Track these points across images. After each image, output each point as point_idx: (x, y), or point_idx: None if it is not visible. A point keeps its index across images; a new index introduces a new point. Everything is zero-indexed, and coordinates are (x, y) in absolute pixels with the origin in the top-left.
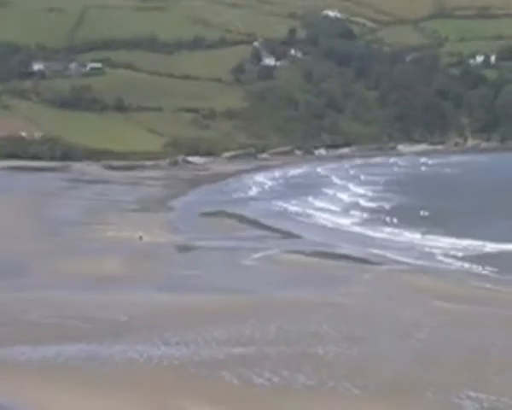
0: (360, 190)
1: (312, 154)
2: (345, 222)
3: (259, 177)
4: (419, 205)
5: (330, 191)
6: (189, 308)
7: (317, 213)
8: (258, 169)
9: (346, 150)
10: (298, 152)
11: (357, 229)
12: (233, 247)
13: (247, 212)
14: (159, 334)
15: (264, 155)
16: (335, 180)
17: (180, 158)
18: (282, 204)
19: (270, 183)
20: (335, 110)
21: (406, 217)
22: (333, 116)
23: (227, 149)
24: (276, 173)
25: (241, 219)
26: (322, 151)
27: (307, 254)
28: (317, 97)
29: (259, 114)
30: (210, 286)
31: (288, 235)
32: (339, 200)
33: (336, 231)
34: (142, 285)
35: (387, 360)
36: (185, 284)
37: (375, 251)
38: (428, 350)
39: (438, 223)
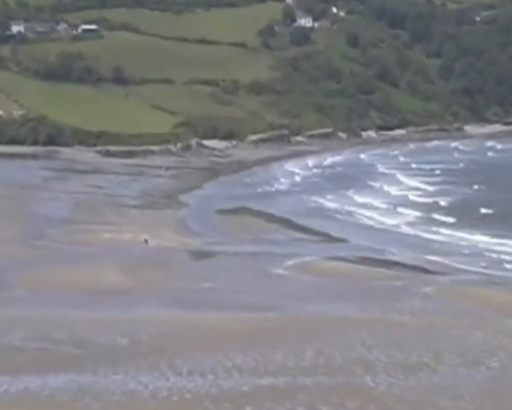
0: (412, 182)
1: (359, 136)
2: (394, 222)
3: (292, 165)
4: (484, 200)
5: (376, 184)
6: (204, 329)
7: (360, 211)
8: (290, 156)
9: (400, 132)
10: (341, 135)
11: (409, 230)
12: (259, 252)
13: (276, 209)
14: (168, 361)
15: (299, 139)
16: (382, 169)
17: (194, 142)
18: (318, 199)
19: (303, 173)
20: (388, 83)
21: (468, 215)
22: (384, 90)
23: (253, 131)
24: (312, 161)
25: (269, 217)
26: (372, 133)
27: (351, 262)
28: (365, 67)
29: (293, 88)
30: (231, 302)
31: (326, 237)
32: (386, 194)
33: (384, 233)
34: (146, 300)
35: (452, 393)
36: (200, 298)
37: (433, 258)
38: (503, 382)
39: (506, 223)
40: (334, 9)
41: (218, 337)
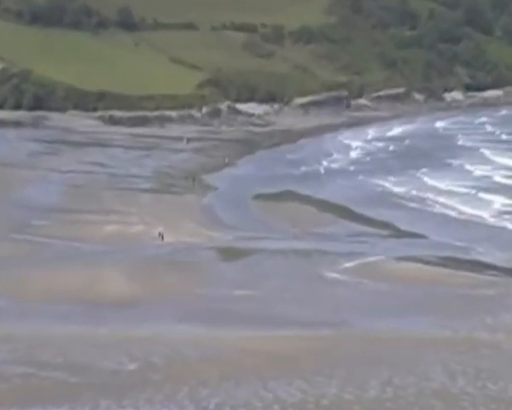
0: (502, 160)
1: (441, 99)
2: (478, 211)
3: (350, 137)
4: None
5: (454, 161)
6: (237, 351)
7: (436, 197)
8: (349, 125)
9: (495, 93)
10: (417, 96)
11: (499, 222)
12: (309, 250)
13: (330, 194)
14: (189, 392)
15: (362, 102)
16: (463, 142)
17: (225, 105)
18: (381, 182)
19: (364, 147)
20: (478, 29)
21: None
22: (474, 39)
23: (301, 92)
24: (375, 131)
25: (321, 205)
26: (457, 95)
27: (428, 263)
28: (450, 8)
29: (354, 36)
30: (272, 315)
31: (395, 232)
32: (468, 175)
33: (466, 226)
34: (161, 313)
35: None
36: (232, 311)
37: None
38: None
39: None
40: None
41: (254, 362)
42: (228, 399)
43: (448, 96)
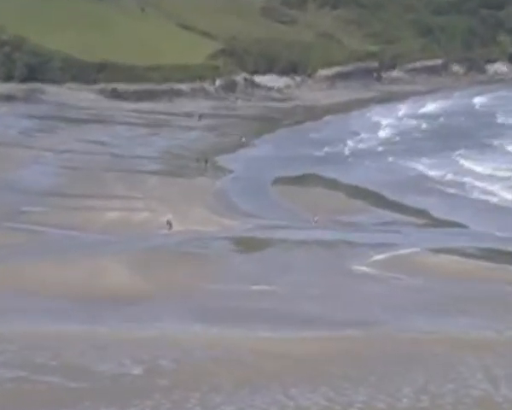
0: None
1: (482, 71)
2: None
3: (380, 114)
4: None
5: (494, 141)
6: (254, 354)
7: (476, 182)
8: (380, 100)
9: None
10: (456, 68)
11: None
12: (335, 241)
13: (358, 178)
14: (200, 400)
15: (395, 74)
16: (503, 120)
17: (241, 78)
18: (414, 165)
19: (395, 125)
20: None
21: None
22: None
23: (326, 63)
24: (408, 108)
25: (349, 190)
26: (501, 67)
27: (469, 256)
28: None
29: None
30: (294, 314)
31: (431, 220)
32: (510, 157)
33: (509, 214)
34: (169, 311)
35: None
36: (248, 308)
37: None
38: None
39: None
40: None
41: (274, 366)
42: (244, 407)
43: (491, 67)
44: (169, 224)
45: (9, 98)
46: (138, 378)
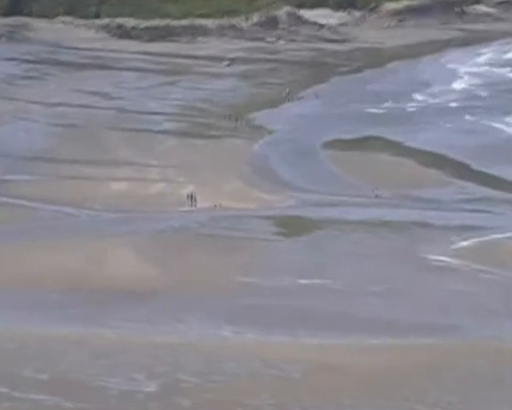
0: None
1: None
2: None
3: (458, 60)
4: None
5: None
6: (302, 366)
7: None
8: (461, 42)
9: None
10: None
11: None
12: (404, 223)
13: (429, 141)
14: None
15: (482, 9)
16: None
17: (283, 12)
18: (501, 126)
19: (477, 74)
20: None
21: None
22: None
23: None
24: (493, 52)
25: (419, 156)
26: None
27: None
28: None
29: None
30: (353, 314)
31: None
32: None
33: None
34: (191, 310)
35: None
36: (295, 308)
37: None
38: None
39: None
40: None
41: (327, 382)
42: None
43: None
44: (191, 199)
45: None
46: (153, 397)
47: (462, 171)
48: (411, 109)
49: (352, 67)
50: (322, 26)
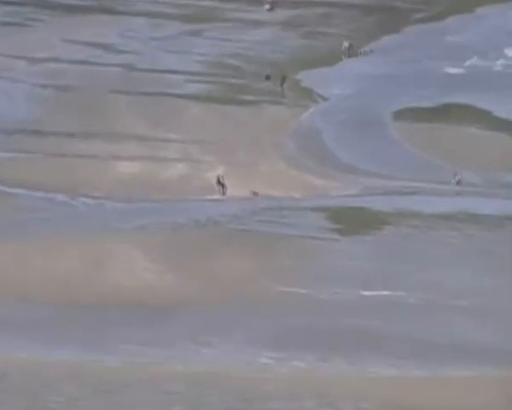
0: None
1: None
2: None
3: None
4: None
5: None
6: (369, 402)
7: None
8: None
9: None
10: None
11: None
12: (498, 217)
13: None
14: None
15: None
16: None
17: None
18: None
19: None
20: None
21: None
22: None
23: None
24: None
25: None
26: None
27: None
28: None
29: None
30: (435, 336)
31: None
32: None
33: None
34: (221, 328)
35: None
36: (356, 327)
37: None
38: None
39: None
40: None
41: None
42: None
43: None
44: (220, 184)
45: None
46: None
47: None
48: (503, 69)
49: (430, 13)
50: None
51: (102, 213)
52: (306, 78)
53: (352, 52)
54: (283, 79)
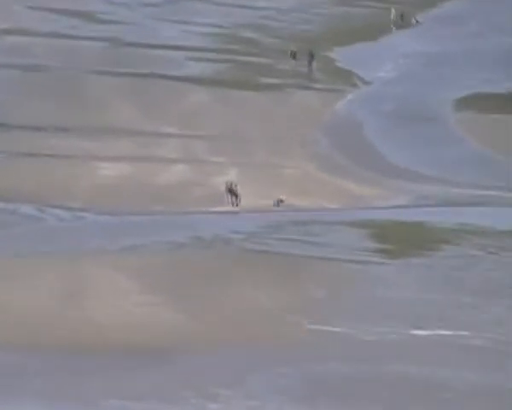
0: None
1: None
2: None
3: None
4: None
5: None
6: None
7: None
8: None
9: None
10: None
11: None
12: None
13: None
14: None
15: None
16: None
17: None
18: None
19: None
20: None
21: None
22: None
23: None
24: None
25: None
26: None
27: None
28: None
29: None
30: None
31: None
32: None
33: None
34: (231, 379)
35: None
36: (410, 380)
37: None
38: None
39: None
40: None
41: None
42: None
43: None
44: (232, 192)
45: None
46: None
47: None
48: None
49: None
50: None
51: (80, 229)
52: (342, 55)
53: (402, 22)
54: (312, 57)
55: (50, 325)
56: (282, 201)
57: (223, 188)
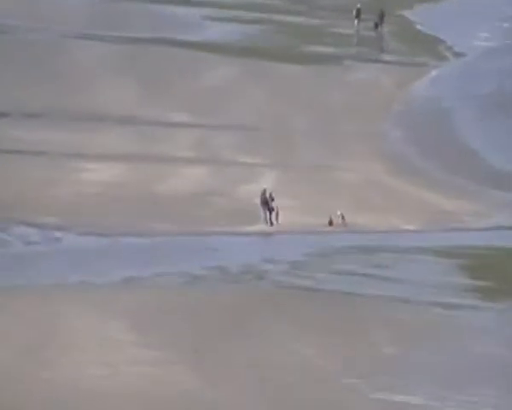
0: None
1: None
2: None
3: None
4: None
5: None
6: None
7: None
8: None
9: None
10: None
11: None
12: None
13: None
14: None
15: None
16: None
17: None
18: None
19: None
20: None
21: None
22: None
23: None
24: None
25: None
26: None
27: None
28: None
29: None
30: None
31: None
32: None
33: None
34: None
35: None
36: None
37: None
38: None
39: None
40: None
41: None
42: None
43: None
44: (267, 205)
45: None
46: None
47: None
48: None
49: None
50: None
51: (56, 254)
52: (424, 16)
53: None
54: (381, 18)
55: (15, 383)
56: (342, 218)
57: (255, 200)
